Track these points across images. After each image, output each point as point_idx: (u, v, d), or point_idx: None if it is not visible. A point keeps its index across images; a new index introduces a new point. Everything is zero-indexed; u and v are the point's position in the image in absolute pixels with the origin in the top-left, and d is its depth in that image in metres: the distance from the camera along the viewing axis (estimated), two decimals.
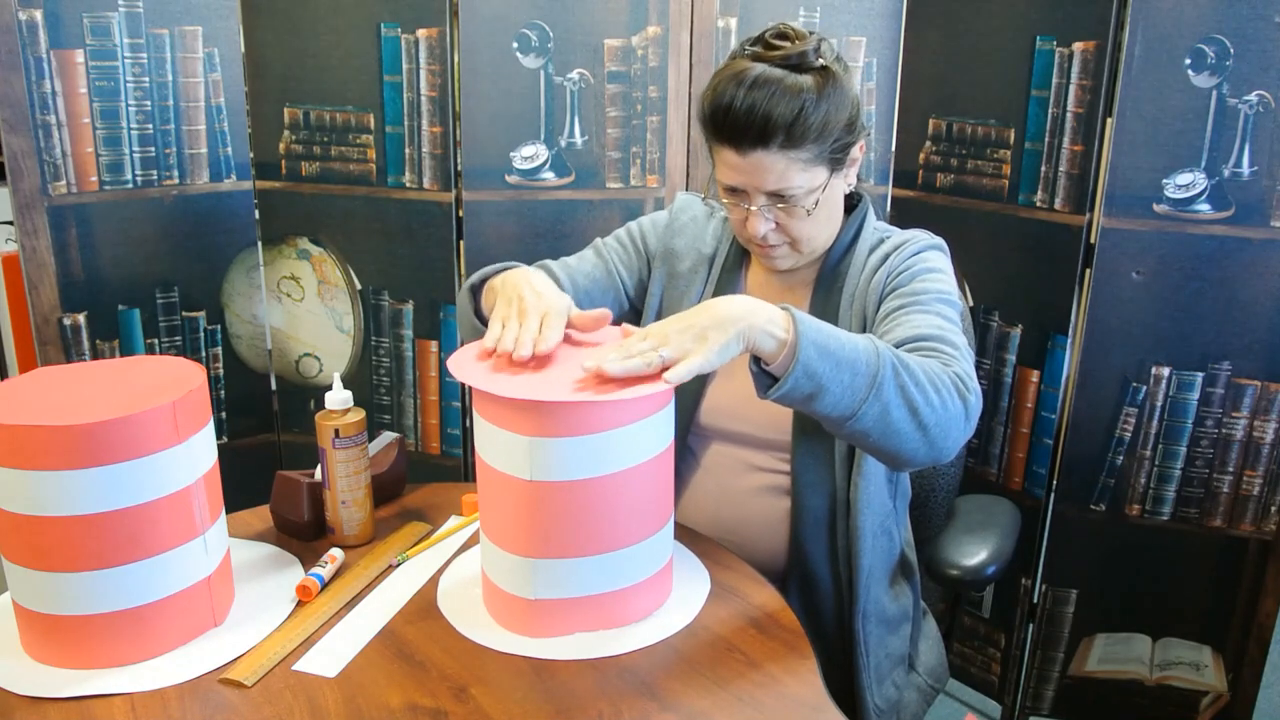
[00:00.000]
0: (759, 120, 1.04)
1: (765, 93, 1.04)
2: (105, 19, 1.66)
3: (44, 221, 1.68)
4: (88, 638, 0.88)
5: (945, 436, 0.96)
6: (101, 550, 0.86)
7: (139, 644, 0.90)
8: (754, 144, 1.05)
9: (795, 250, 1.16)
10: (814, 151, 1.07)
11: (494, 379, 0.91)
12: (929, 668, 1.28)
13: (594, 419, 0.88)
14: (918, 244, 1.16)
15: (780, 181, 1.07)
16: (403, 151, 1.76)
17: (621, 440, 0.90)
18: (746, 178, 1.08)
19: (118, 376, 0.93)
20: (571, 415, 0.88)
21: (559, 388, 0.89)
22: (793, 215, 1.11)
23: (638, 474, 0.91)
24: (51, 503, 0.84)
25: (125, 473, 0.85)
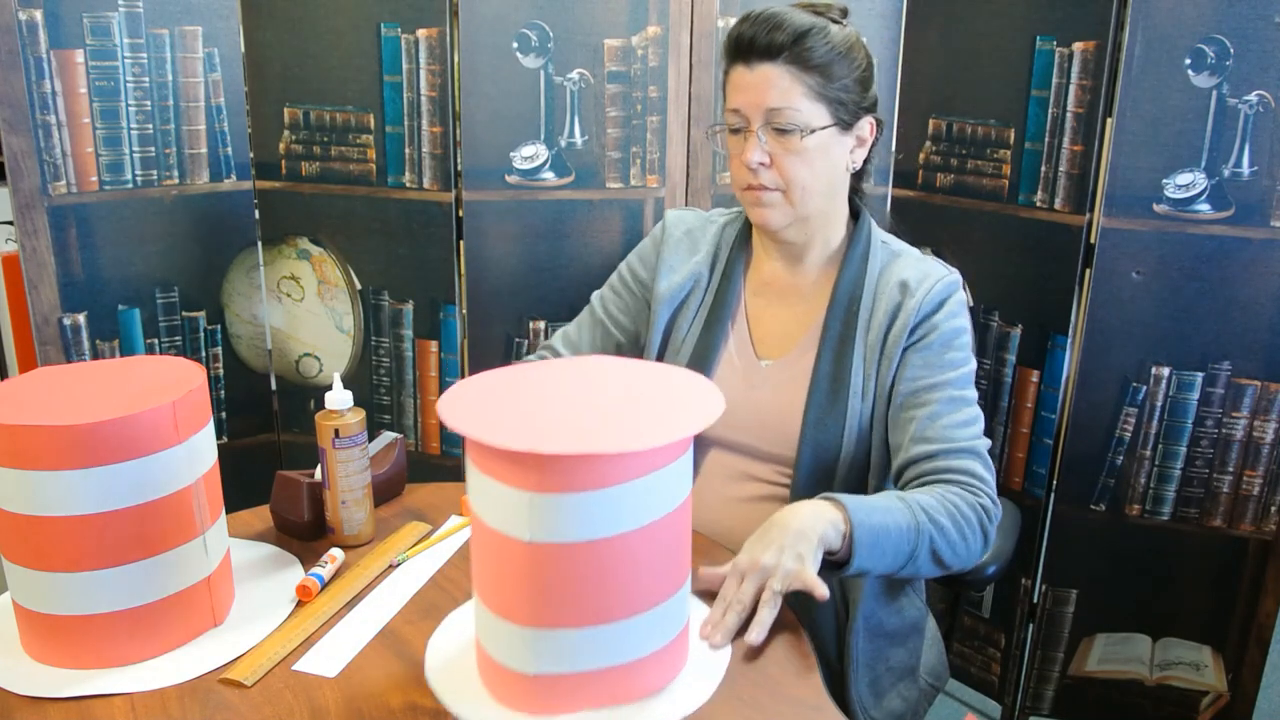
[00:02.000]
0: (772, 26, 1.09)
1: (782, 12, 1.11)
2: (105, 19, 1.66)
3: (44, 221, 1.68)
4: (88, 638, 0.88)
5: (964, 566, 1.07)
6: (101, 550, 0.86)
7: (139, 644, 0.90)
8: (763, 55, 1.09)
9: (788, 201, 1.15)
10: (820, 84, 1.10)
11: (489, 424, 0.78)
12: (929, 667, 1.27)
13: (604, 472, 0.76)
14: (941, 285, 1.15)
15: (783, 99, 1.09)
16: (403, 151, 1.76)
17: (635, 495, 0.78)
18: (750, 95, 1.11)
19: (118, 376, 0.93)
20: (579, 468, 0.76)
21: (564, 434, 0.76)
22: (789, 148, 1.11)
23: (654, 532, 0.80)
24: (51, 503, 0.84)
25: (125, 473, 0.85)
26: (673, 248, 1.28)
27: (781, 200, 1.15)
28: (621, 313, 1.31)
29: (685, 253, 1.28)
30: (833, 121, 1.12)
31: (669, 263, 1.28)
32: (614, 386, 0.86)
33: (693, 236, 1.29)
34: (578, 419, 0.80)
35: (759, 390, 1.21)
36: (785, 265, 1.24)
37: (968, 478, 1.08)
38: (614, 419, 0.80)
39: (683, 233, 1.29)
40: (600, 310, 1.32)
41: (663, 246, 1.29)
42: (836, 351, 1.17)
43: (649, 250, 1.31)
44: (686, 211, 1.32)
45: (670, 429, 0.78)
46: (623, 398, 0.84)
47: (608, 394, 0.84)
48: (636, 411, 0.82)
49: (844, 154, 1.16)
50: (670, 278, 1.27)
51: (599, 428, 0.78)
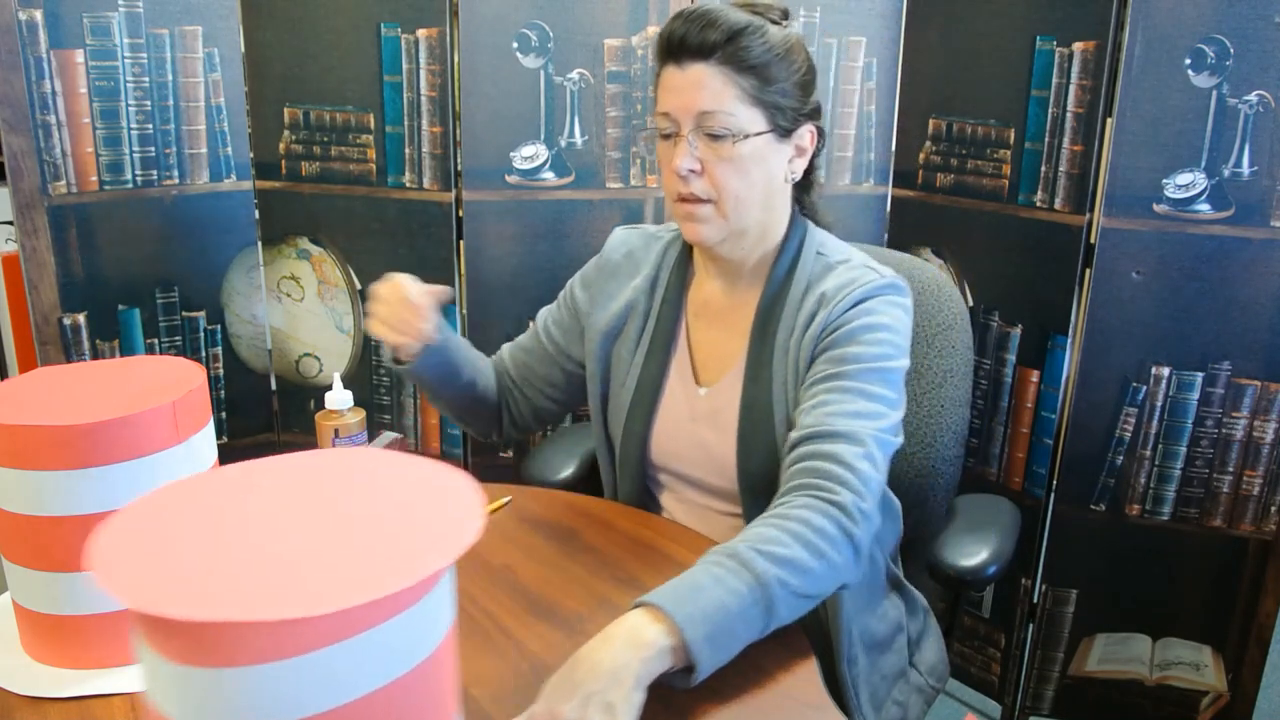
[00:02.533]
0: (705, 23, 1.02)
1: (716, 10, 1.04)
2: (105, 19, 1.66)
3: (44, 221, 1.68)
4: (88, 638, 0.88)
5: (839, 584, 0.95)
6: None
7: None
8: (695, 54, 1.02)
9: (720, 213, 1.07)
10: (755, 87, 1.03)
11: (146, 569, 0.55)
12: (930, 665, 1.26)
13: (275, 642, 0.53)
14: (860, 290, 1.06)
15: (714, 101, 1.02)
16: (403, 151, 1.76)
17: (326, 665, 0.54)
18: (681, 97, 1.04)
19: (118, 376, 0.93)
20: (231, 638, 0.52)
21: (233, 587, 0.53)
22: (721, 155, 1.04)
23: (373, 705, 0.56)
24: (51, 503, 0.84)
25: (125, 472, 0.85)
26: (610, 274, 1.23)
27: (714, 213, 1.07)
28: (560, 332, 1.27)
29: (624, 277, 1.22)
30: (769, 128, 1.05)
31: (606, 291, 1.23)
32: (345, 505, 0.63)
33: (633, 259, 1.23)
34: (270, 562, 0.56)
35: (698, 422, 1.16)
36: (723, 284, 1.17)
37: (829, 464, 0.96)
38: (318, 563, 0.56)
39: (623, 256, 1.24)
40: (542, 328, 1.29)
41: (600, 274, 1.24)
42: (758, 376, 1.11)
43: (591, 273, 1.26)
44: (633, 231, 1.26)
45: (375, 580, 0.54)
46: (345, 524, 0.60)
47: (333, 516, 0.62)
48: (350, 550, 0.57)
49: (782, 163, 1.09)
50: (608, 306, 1.22)
51: (286, 580, 0.54)
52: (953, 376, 1.35)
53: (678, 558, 1.08)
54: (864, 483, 0.96)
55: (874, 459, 0.99)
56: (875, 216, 1.83)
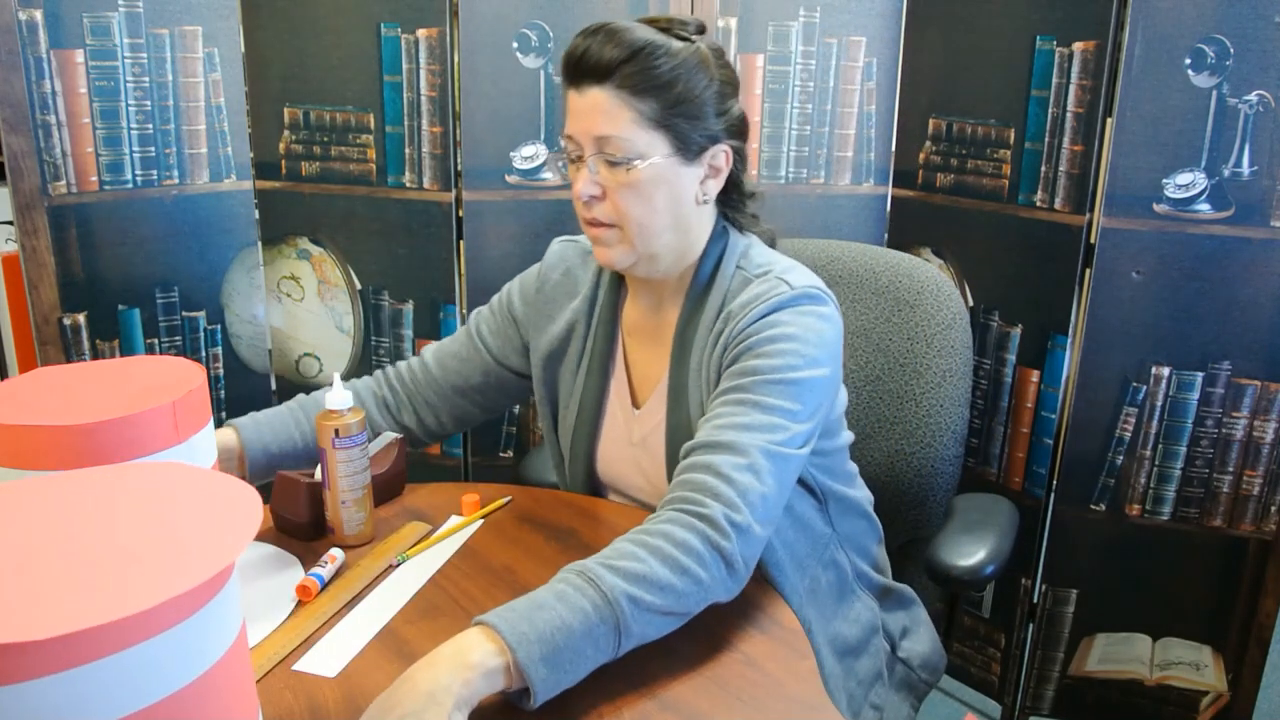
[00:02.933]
0: (604, 41, 0.99)
1: (617, 29, 1.00)
2: (105, 19, 1.66)
3: (44, 221, 1.68)
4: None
5: (711, 599, 0.91)
6: None
7: None
8: (592, 77, 0.99)
9: (626, 239, 1.04)
10: (655, 109, 0.99)
11: None
12: (922, 658, 1.23)
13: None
14: (765, 305, 1.02)
15: (610, 126, 0.99)
16: (403, 151, 1.76)
17: (107, 676, 0.54)
18: (579, 121, 1.01)
19: (118, 376, 0.93)
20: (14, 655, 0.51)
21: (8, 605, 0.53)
22: (620, 180, 1.01)
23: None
24: None
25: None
26: (549, 296, 1.21)
27: (620, 238, 1.04)
28: (495, 339, 1.26)
29: (563, 298, 1.20)
30: (672, 151, 1.01)
31: (545, 313, 1.21)
32: (116, 522, 0.63)
33: (571, 277, 1.21)
34: (37, 579, 0.56)
35: (635, 445, 1.15)
36: (649, 303, 1.15)
37: (703, 475, 0.92)
38: (81, 580, 0.56)
39: (561, 275, 1.22)
40: (474, 329, 1.27)
41: (540, 295, 1.22)
42: (679, 399, 1.09)
43: (530, 285, 1.24)
44: (571, 245, 1.24)
45: (133, 597, 0.53)
46: (114, 542, 0.60)
47: (101, 533, 0.61)
48: (115, 567, 0.57)
49: (691, 185, 1.04)
50: (548, 329, 1.21)
51: (48, 597, 0.54)
52: (952, 376, 1.35)
53: None
54: (740, 495, 0.91)
55: (757, 470, 0.93)
56: (875, 216, 1.83)
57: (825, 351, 1.02)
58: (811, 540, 1.13)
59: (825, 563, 1.15)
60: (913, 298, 1.37)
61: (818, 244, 1.48)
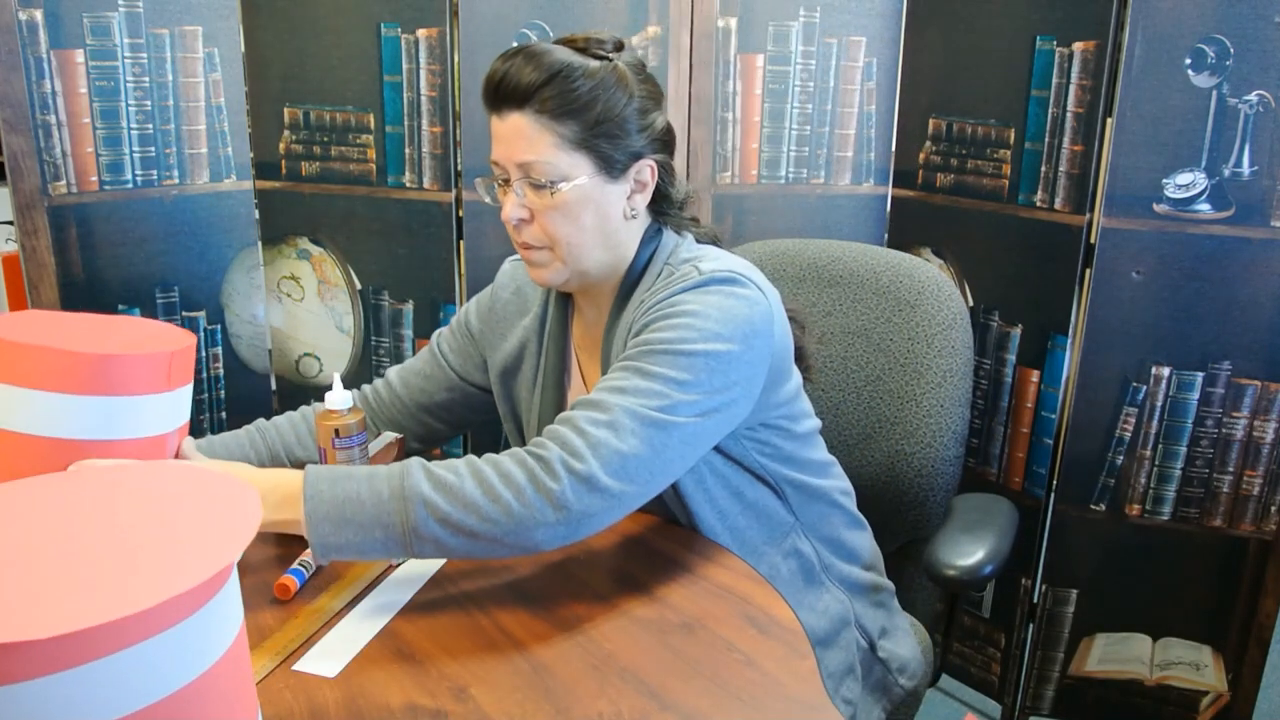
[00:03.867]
0: (522, 63, 1.00)
1: (534, 52, 1.01)
2: (105, 19, 1.67)
3: (44, 221, 1.68)
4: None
5: (526, 535, 0.91)
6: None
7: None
8: (512, 103, 1.00)
9: (557, 258, 1.05)
10: (575, 131, 1.00)
11: None
12: (900, 663, 1.22)
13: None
14: (682, 284, 1.02)
15: (530, 150, 1.00)
16: (403, 151, 1.76)
17: (105, 676, 0.54)
18: (502, 147, 1.02)
19: (111, 328, 0.96)
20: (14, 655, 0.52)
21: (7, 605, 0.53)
22: (544, 201, 1.02)
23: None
24: (43, 423, 0.85)
25: (118, 407, 0.87)
26: (500, 314, 1.23)
27: (551, 258, 1.06)
28: (457, 357, 1.27)
29: (514, 316, 1.22)
30: (596, 171, 1.02)
31: (498, 331, 1.23)
32: (116, 522, 0.63)
33: (521, 295, 1.22)
34: (38, 578, 0.56)
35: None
36: (593, 315, 1.16)
37: (558, 426, 0.94)
38: (80, 580, 0.56)
39: (511, 294, 1.23)
40: (436, 347, 1.28)
41: (492, 313, 1.24)
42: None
43: (485, 304, 1.26)
44: (520, 264, 1.25)
45: (132, 597, 0.53)
46: (114, 542, 0.60)
47: (101, 533, 0.61)
48: (111, 568, 0.57)
49: (618, 202, 1.05)
50: (501, 346, 1.22)
51: (48, 597, 0.54)
52: (952, 376, 1.35)
53: (678, 558, 1.08)
54: (590, 446, 0.92)
55: (616, 427, 0.93)
56: (875, 216, 1.83)
57: (732, 328, 0.99)
58: (769, 528, 1.13)
59: (786, 551, 1.15)
60: (913, 298, 1.37)
61: (818, 244, 1.48)
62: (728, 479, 1.10)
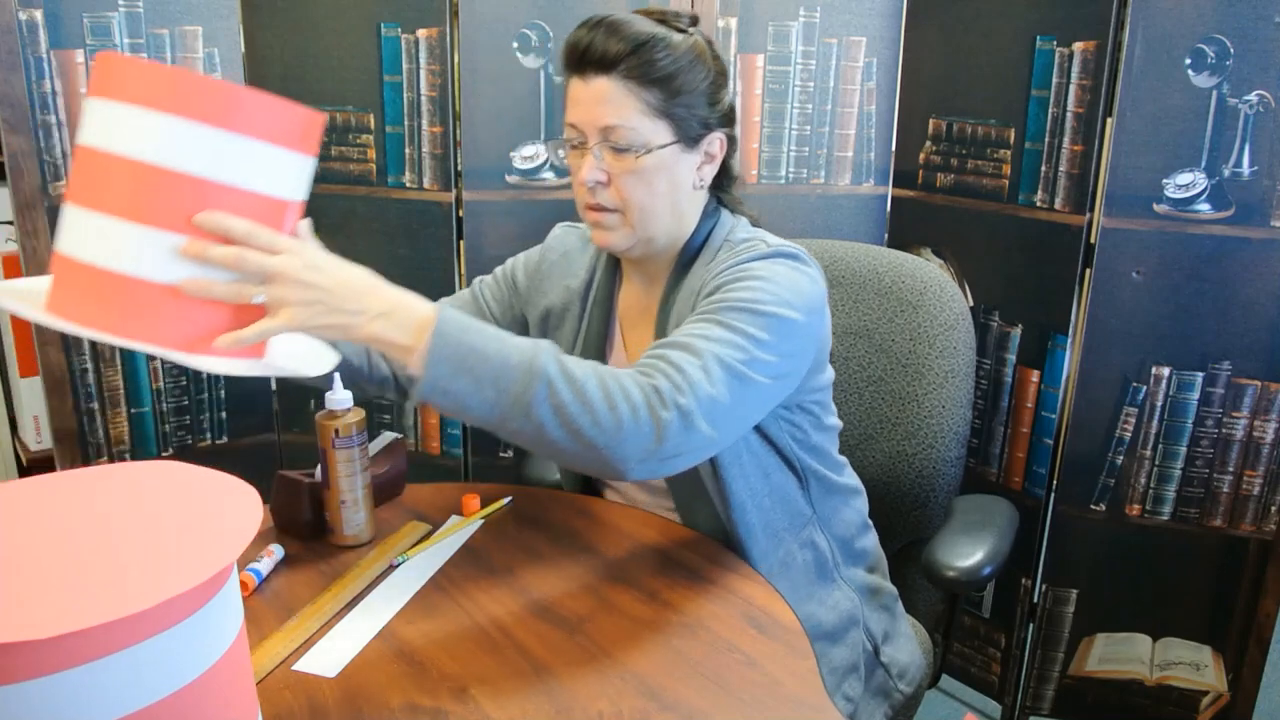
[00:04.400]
0: (609, 33, 1.02)
1: (620, 20, 1.03)
2: (105, 19, 1.66)
3: (44, 221, 1.68)
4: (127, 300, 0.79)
5: (623, 447, 0.89)
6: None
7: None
8: (598, 67, 1.02)
9: (627, 222, 1.08)
10: (659, 99, 1.03)
11: None
12: (900, 667, 1.23)
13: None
14: (751, 253, 1.06)
15: (616, 115, 1.02)
16: (403, 151, 1.76)
17: (103, 677, 0.54)
18: (585, 111, 1.04)
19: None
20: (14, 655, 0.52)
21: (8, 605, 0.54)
22: (625, 167, 1.04)
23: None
24: (158, 150, 0.76)
25: (245, 150, 0.79)
26: (546, 272, 1.25)
27: (620, 222, 1.08)
28: (495, 300, 1.28)
29: (559, 277, 1.24)
30: (674, 139, 1.05)
31: (541, 288, 1.25)
32: (118, 522, 0.63)
33: (569, 260, 1.24)
34: (38, 579, 0.56)
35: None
36: (643, 285, 1.18)
37: (657, 361, 0.94)
38: (80, 580, 0.56)
39: (560, 255, 1.25)
40: (478, 290, 1.29)
41: (539, 269, 1.25)
42: None
43: (533, 261, 1.27)
44: (573, 230, 1.28)
45: (130, 598, 0.53)
46: (116, 542, 0.60)
47: (103, 533, 0.61)
48: (110, 568, 0.57)
49: (689, 172, 1.09)
50: (540, 304, 1.24)
51: (48, 597, 0.54)
52: (954, 377, 1.35)
53: (678, 557, 1.08)
54: (690, 384, 0.91)
55: (709, 371, 0.93)
56: (875, 217, 1.83)
57: (800, 299, 1.02)
58: (790, 516, 1.15)
59: (803, 542, 1.16)
60: (915, 298, 1.37)
61: (819, 244, 1.48)
62: (760, 459, 1.12)
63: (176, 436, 1.88)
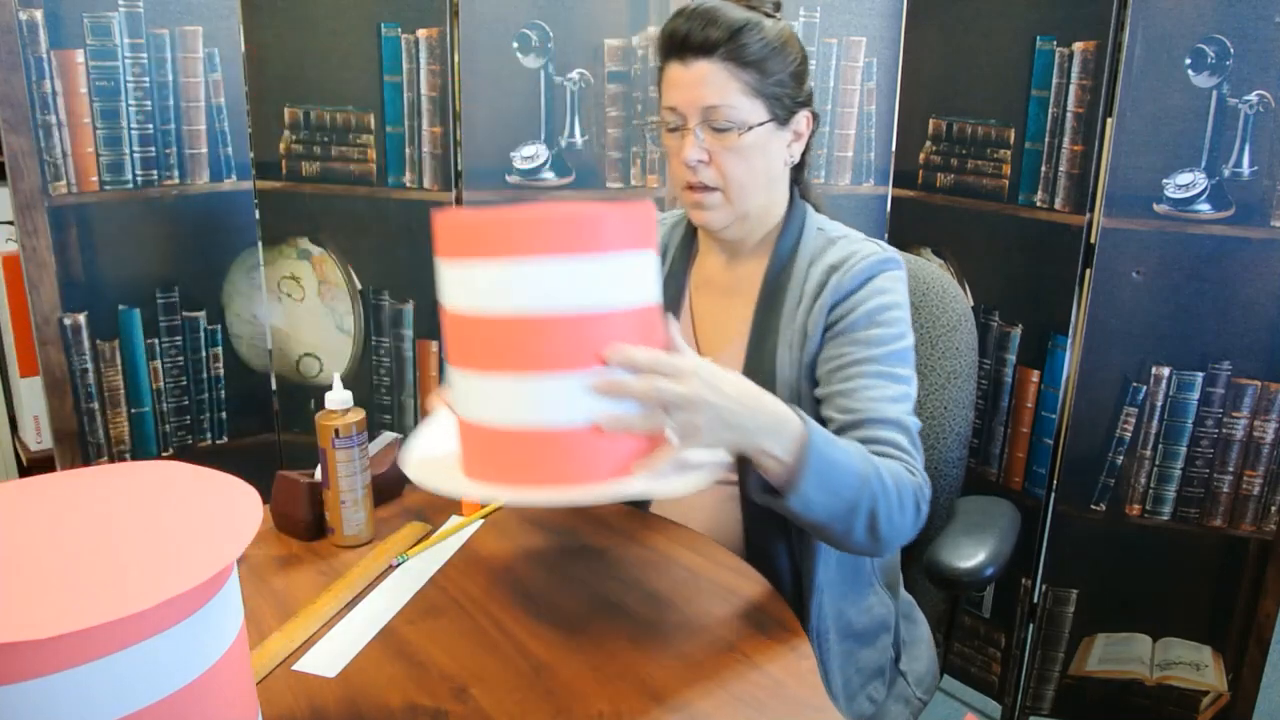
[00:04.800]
0: (707, 21, 1.07)
1: (716, 7, 1.09)
2: (105, 19, 1.66)
3: (44, 221, 1.68)
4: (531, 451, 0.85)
5: (894, 541, 1.01)
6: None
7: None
8: (698, 52, 1.07)
9: (727, 200, 1.12)
10: (755, 80, 1.08)
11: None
12: (917, 676, 1.25)
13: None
14: (867, 261, 1.11)
15: (720, 95, 1.08)
16: (403, 151, 1.76)
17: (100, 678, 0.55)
18: (686, 93, 1.09)
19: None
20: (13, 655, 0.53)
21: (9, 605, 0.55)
22: (726, 145, 1.09)
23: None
24: (525, 298, 0.78)
25: (604, 269, 0.79)
26: None
27: (721, 200, 1.13)
28: None
29: None
30: (769, 117, 1.11)
31: None
32: (120, 519, 0.64)
33: None
34: (36, 579, 0.57)
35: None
36: (726, 260, 1.22)
37: (895, 450, 1.03)
38: (77, 580, 0.57)
39: None
40: None
41: None
42: (762, 346, 1.15)
43: None
44: None
45: (128, 598, 0.54)
46: (115, 539, 0.61)
47: (102, 533, 0.62)
48: (109, 568, 0.58)
49: (781, 149, 1.14)
50: None
51: (46, 597, 0.55)
52: (956, 378, 1.35)
53: (678, 558, 1.08)
54: (920, 467, 1.04)
55: (919, 445, 1.06)
56: (875, 217, 1.83)
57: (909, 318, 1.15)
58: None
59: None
60: (917, 299, 1.37)
61: None
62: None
63: (176, 436, 1.88)
